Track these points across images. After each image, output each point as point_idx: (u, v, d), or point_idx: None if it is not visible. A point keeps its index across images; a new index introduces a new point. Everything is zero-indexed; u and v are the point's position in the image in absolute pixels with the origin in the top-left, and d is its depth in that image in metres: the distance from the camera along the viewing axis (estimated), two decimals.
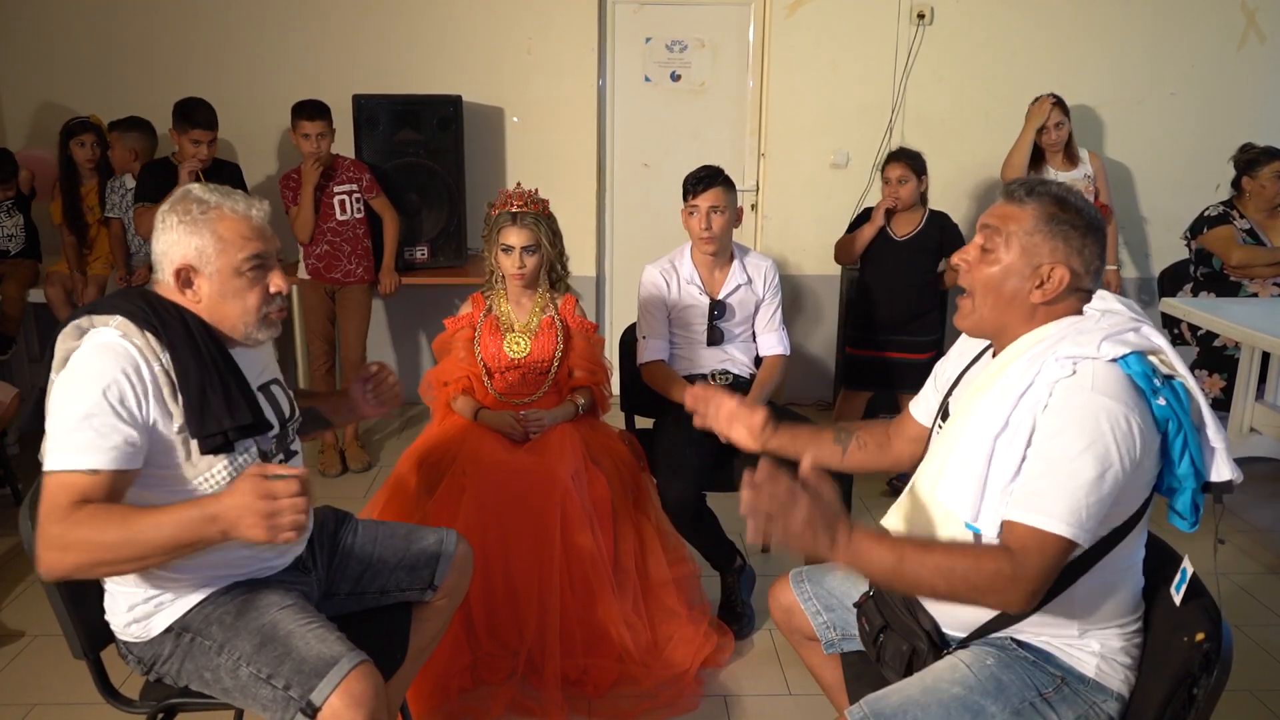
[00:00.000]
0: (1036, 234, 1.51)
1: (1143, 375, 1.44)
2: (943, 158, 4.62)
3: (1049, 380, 1.44)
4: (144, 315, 1.58)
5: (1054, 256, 1.50)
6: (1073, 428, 1.40)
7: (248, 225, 1.63)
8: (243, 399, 1.64)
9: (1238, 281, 4.08)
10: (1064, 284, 1.50)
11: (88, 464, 1.47)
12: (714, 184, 2.82)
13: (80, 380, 1.51)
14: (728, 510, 2.89)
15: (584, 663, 2.43)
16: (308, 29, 4.44)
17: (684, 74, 4.65)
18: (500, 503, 2.45)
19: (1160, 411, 1.44)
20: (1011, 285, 1.52)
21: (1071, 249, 1.50)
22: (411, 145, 4.18)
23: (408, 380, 4.78)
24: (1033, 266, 1.51)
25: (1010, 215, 1.54)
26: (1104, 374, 1.43)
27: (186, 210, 1.61)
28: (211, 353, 1.62)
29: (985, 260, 1.55)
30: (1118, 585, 1.53)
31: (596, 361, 2.83)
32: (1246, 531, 3.49)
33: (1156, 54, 4.59)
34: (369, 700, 1.53)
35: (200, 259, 1.62)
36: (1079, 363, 1.44)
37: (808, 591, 1.88)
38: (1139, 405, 1.42)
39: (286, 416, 1.80)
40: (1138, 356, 1.45)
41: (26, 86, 4.49)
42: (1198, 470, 1.46)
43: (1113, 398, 1.41)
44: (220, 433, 1.59)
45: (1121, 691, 1.53)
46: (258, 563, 1.72)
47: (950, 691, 1.50)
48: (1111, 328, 1.47)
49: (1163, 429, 1.45)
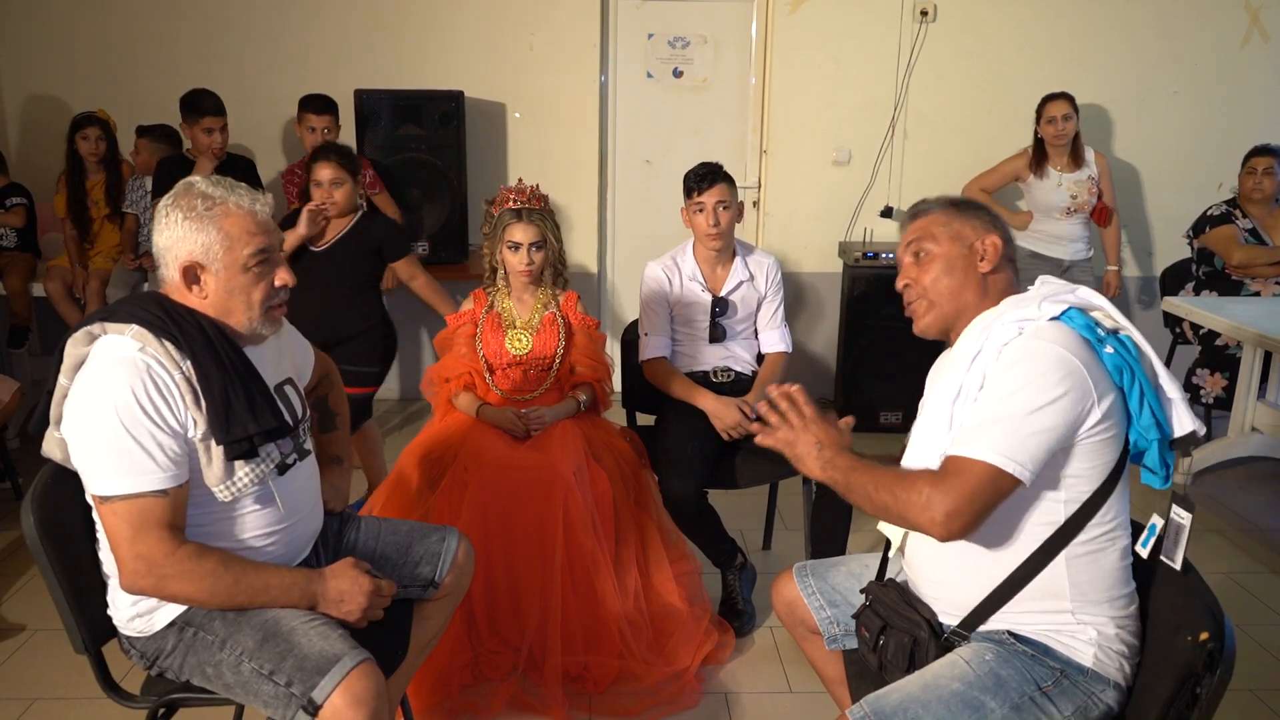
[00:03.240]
0: (954, 222, 1.67)
1: (1085, 326, 1.52)
2: (944, 155, 4.63)
3: (997, 344, 1.54)
4: (161, 323, 1.57)
5: (978, 231, 1.66)
6: (1013, 369, 1.49)
7: (253, 220, 1.62)
8: (265, 403, 1.64)
9: (1239, 281, 4.08)
10: (1000, 250, 1.65)
11: (153, 486, 1.52)
12: (718, 180, 2.82)
13: (107, 401, 1.50)
14: (729, 507, 2.90)
15: (585, 659, 2.43)
16: (310, 24, 4.44)
17: (686, 70, 4.65)
18: (502, 499, 2.45)
19: (1110, 360, 1.51)
20: (959, 268, 1.65)
21: (986, 222, 1.67)
22: (413, 140, 4.18)
23: (409, 376, 4.84)
24: (967, 246, 1.65)
25: (921, 225, 1.70)
26: (1047, 328, 1.52)
27: (191, 206, 1.60)
28: (230, 357, 1.62)
29: (923, 265, 1.68)
30: (1105, 554, 1.55)
31: (598, 358, 2.82)
32: (1246, 530, 3.49)
33: (1159, 52, 4.59)
34: (371, 699, 1.53)
35: (207, 255, 1.60)
36: (1024, 324, 1.54)
37: (811, 585, 1.88)
38: (1085, 353, 1.49)
39: (299, 417, 1.80)
40: (1078, 311, 1.55)
41: (27, 81, 4.49)
42: (1159, 423, 1.52)
43: (1055, 342, 1.49)
44: (246, 438, 1.59)
45: (1118, 680, 1.54)
46: (261, 558, 1.71)
47: (950, 688, 1.50)
48: (1050, 293, 1.59)
49: (1118, 381, 1.51)
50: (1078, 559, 1.53)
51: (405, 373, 4.88)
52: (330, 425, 2.11)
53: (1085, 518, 1.52)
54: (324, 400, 2.11)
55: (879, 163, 4.64)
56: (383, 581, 1.72)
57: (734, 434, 2.76)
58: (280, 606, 1.62)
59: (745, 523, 3.35)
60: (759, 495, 3.19)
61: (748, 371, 2.99)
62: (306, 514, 1.80)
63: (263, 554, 1.70)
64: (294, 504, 1.74)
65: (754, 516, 3.35)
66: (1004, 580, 1.56)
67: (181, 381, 1.55)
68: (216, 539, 1.63)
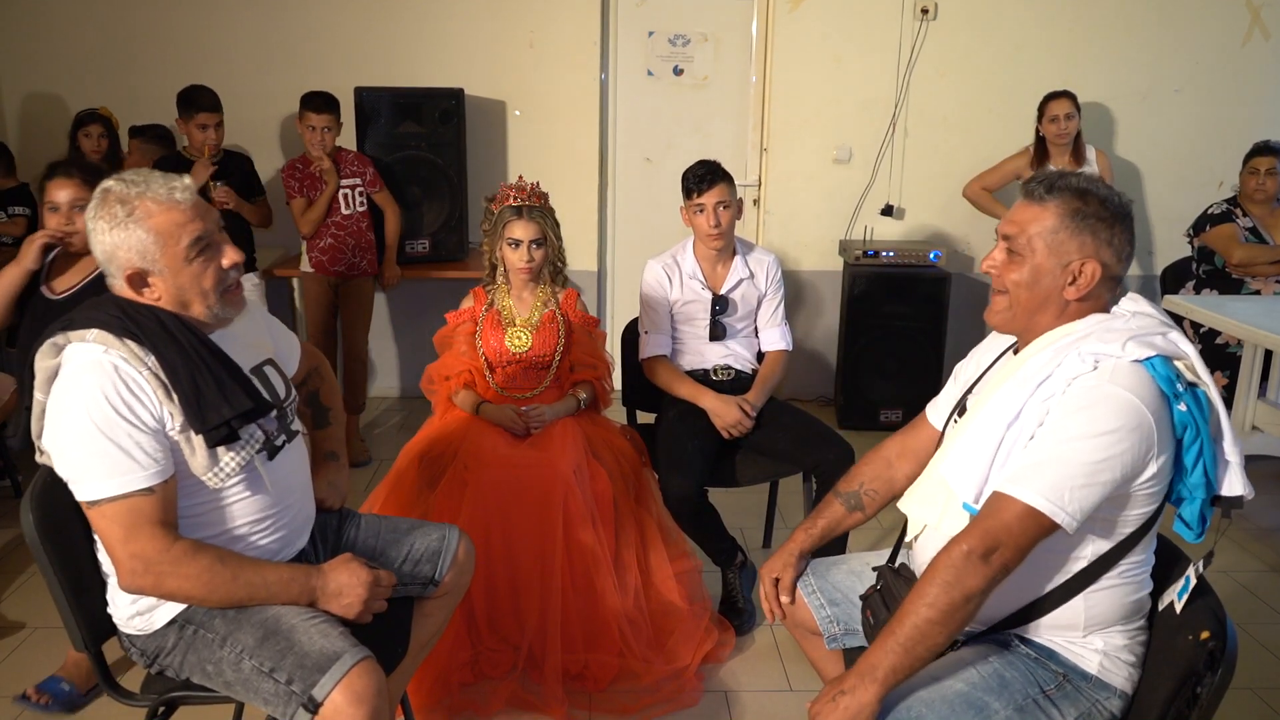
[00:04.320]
0: (1061, 231, 1.49)
1: (1166, 379, 1.42)
2: (945, 153, 4.62)
3: (1068, 375, 1.43)
4: (120, 323, 1.56)
5: (1083, 252, 1.48)
6: (1082, 412, 1.40)
7: (178, 210, 1.58)
8: (237, 385, 1.62)
9: (1240, 279, 4.08)
10: (1096, 278, 1.49)
11: (138, 485, 1.51)
12: (718, 180, 2.81)
13: (81, 407, 1.50)
14: (729, 506, 2.89)
15: (585, 658, 2.43)
16: (310, 21, 4.43)
17: (686, 68, 4.64)
18: (502, 498, 2.45)
19: (1180, 417, 1.42)
20: (1045, 284, 1.51)
21: (1100, 241, 1.48)
22: (413, 138, 4.18)
23: (409, 374, 4.84)
24: (1063, 264, 1.49)
25: (1031, 217, 1.52)
26: (1126, 371, 1.41)
27: (113, 214, 1.56)
28: (194, 345, 1.60)
29: (1013, 263, 1.53)
30: (1126, 589, 1.52)
31: (598, 356, 2.82)
32: (1247, 530, 3.49)
33: (1160, 50, 4.59)
34: (371, 696, 1.53)
35: (145, 259, 1.58)
36: (1101, 359, 1.43)
37: (812, 585, 1.88)
38: (1158, 407, 1.41)
39: (282, 398, 1.78)
40: (1163, 359, 1.43)
41: (26, 79, 4.48)
42: (1209, 481, 1.45)
43: (1132, 392, 1.39)
44: (223, 423, 1.58)
45: (1125, 689, 1.53)
46: (256, 550, 1.71)
47: (953, 688, 1.50)
48: (1139, 329, 1.45)
49: (1180, 435, 1.43)
50: (1097, 592, 1.50)
51: (405, 371, 4.88)
52: (324, 421, 2.10)
53: (1114, 559, 1.48)
54: (315, 395, 2.09)
55: (879, 161, 4.63)
56: (381, 572, 1.72)
57: (734, 432, 2.76)
58: (280, 603, 1.62)
59: (745, 521, 3.34)
60: (759, 493, 3.18)
61: (748, 370, 2.99)
62: (298, 498, 1.79)
63: (257, 543, 1.69)
64: (284, 487, 1.74)
65: (754, 515, 3.35)
66: (1017, 611, 1.55)
67: (150, 377, 1.54)
68: (208, 528, 1.64)
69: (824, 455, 2.69)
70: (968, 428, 1.55)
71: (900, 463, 1.86)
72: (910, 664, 1.42)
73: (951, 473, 1.53)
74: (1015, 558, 1.40)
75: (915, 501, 1.67)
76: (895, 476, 1.85)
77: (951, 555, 1.41)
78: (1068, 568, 1.50)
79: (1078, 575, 1.49)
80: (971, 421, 1.55)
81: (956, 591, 1.40)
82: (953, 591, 1.40)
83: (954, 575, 1.40)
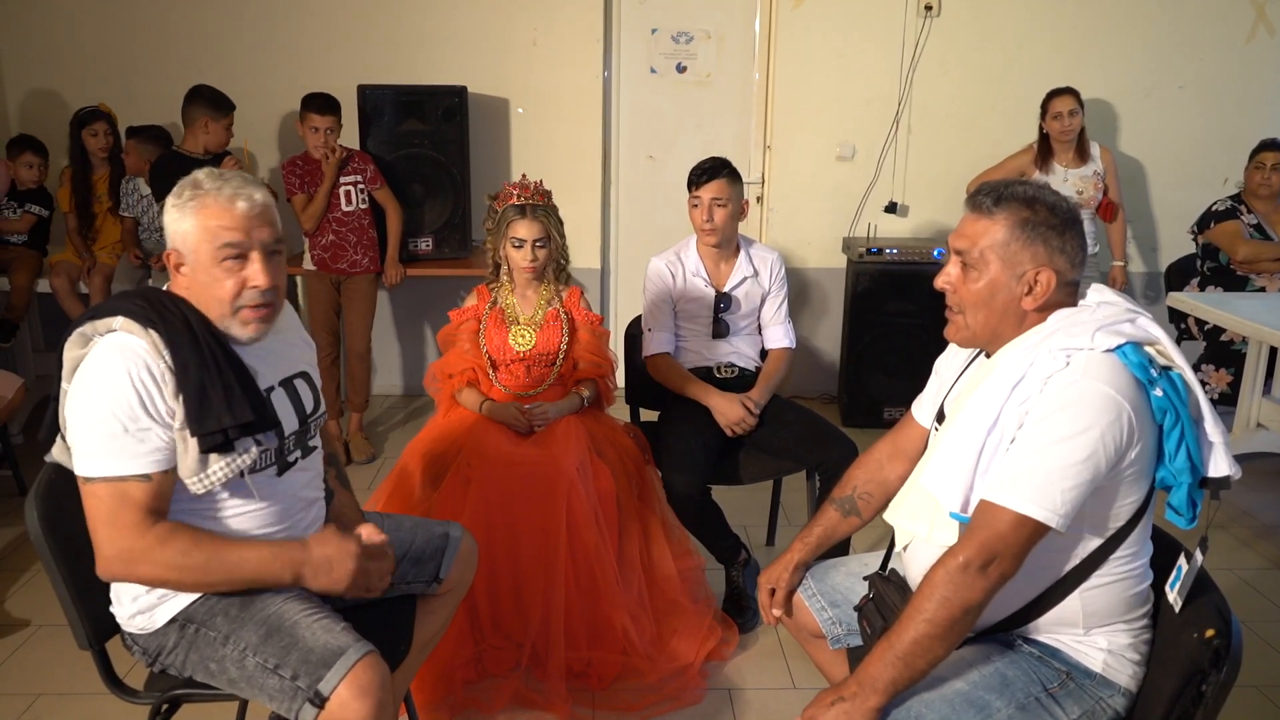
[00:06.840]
0: (1013, 243, 1.49)
1: (1140, 365, 1.41)
2: (949, 150, 4.61)
3: (1042, 374, 1.43)
4: (144, 313, 1.57)
5: (1036, 261, 1.48)
6: (1061, 412, 1.39)
7: (229, 215, 1.58)
8: (245, 397, 1.60)
9: (1245, 276, 4.07)
10: (1052, 286, 1.49)
11: (136, 470, 1.51)
12: (717, 176, 2.81)
13: (101, 385, 1.51)
14: (733, 503, 2.89)
15: (588, 655, 2.43)
16: (313, 19, 4.43)
17: (690, 65, 4.64)
18: (505, 495, 2.45)
19: (1158, 403, 1.42)
20: (1001, 298, 1.51)
21: (1052, 249, 1.48)
22: (416, 136, 4.17)
23: (412, 372, 4.84)
24: (1017, 275, 1.49)
25: (981, 230, 1.51)
26: (1099, 363, 1.41)
27: (180, 194, 1.61)
28: (212, 349, 1.59)
29: (968, 279, 1.54)
30: (1124, 583, 1.52)
31: (601, 354, 2.82)
32: (1252, 526, 3.48)
33: (1165, 47, 4.57)
34: (377, 690, 1.53)
35: (185, 245, 1.60)
36: (1072, 354, 1.42)
37: (812, 588, 1.87)
38: (1134, 395, 1.41)
39: (309, 412, 1.77)
40: (1134, 346, 1.43)
41: (29, 76, 4.48)
42: (1194, 465, 1.44)
43: (1107, 384, 1.39)
44: (220, 430, 1.56)
45: (1129, 687, 1.53)
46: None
47: (955, 687, 1.50)
48: (1106, 319, 1.46)
49: (1159, 421, 1.43)
50: (1093, 589, 1.50)
51: (408, 369, 4.88)
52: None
53: (1106, 553, 1.48)
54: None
55: (883, 158, 4.62)
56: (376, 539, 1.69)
57: (738, 430, 2.76)
58: (266, 583, 1.59)
59: (749, 518, 3.34)
60: (763, 491, 3.18)
61: (751, 367, 2.99)
62: (308, 514, 1.77)
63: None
64: (293, 501, 1.73)
65: (757, 512, 3.35)
66: (1014, 613, 1.55)
67: (165, 370, 1.55)
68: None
69: (827, 453, 2.69)
70: (946, 435, 1.55)
71: (892, 464, 1.86)
72: (911, 676, 1.43)
73: (934, 484, 1.53)
74: (1013, 566, 1.41)
75: (903, 515, 1.66)
76: (889, 478, 1.85)
77: (949, 569, 1.42)
78: (1061, 566, 1.50)
79: (1071, 572, 1.49)
80: (950, 429, 1.55)
81: (956, 605, 1.41)
82: (952, 606, 1.41)
83: (952, 590, 1.41)
